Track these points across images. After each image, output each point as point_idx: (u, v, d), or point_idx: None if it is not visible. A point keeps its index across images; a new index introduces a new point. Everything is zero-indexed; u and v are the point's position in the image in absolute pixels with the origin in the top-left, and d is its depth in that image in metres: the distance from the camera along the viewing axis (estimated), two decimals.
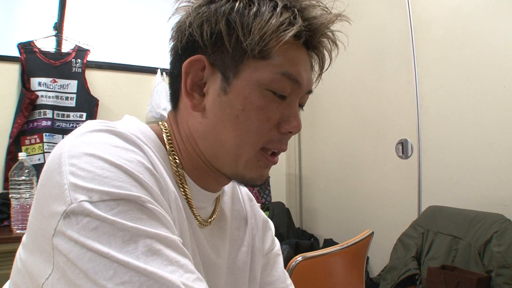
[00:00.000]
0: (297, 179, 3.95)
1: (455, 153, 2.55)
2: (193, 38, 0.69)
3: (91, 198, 0.52)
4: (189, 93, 0.71)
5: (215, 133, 0.70)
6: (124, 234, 0.51)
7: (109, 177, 0.55)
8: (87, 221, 0.51)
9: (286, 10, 0.67)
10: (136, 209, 0.54)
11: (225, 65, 0.69)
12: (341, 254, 1.72)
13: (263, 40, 0.65)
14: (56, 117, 2.94)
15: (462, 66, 2.51)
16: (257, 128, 0.68)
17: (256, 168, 0.72)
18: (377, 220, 3.06)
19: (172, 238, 0.56)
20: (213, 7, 0.68)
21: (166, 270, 0.51)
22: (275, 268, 0.93)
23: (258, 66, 0.68)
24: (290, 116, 0.71)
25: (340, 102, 3.47)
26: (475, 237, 2.19)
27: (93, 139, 0.60)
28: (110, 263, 0.50)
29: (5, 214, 2.42)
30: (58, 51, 3.03)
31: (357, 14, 3.28)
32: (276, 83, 0.68)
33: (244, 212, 0.92)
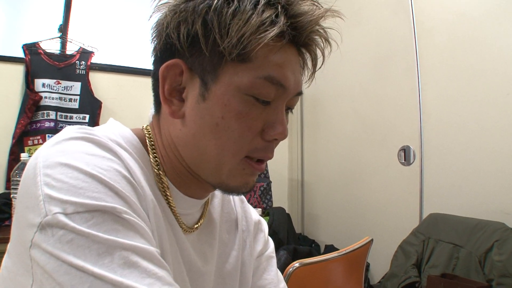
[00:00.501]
0: (299, 184, 3.94)
1: (458, 160, 2.54)
2: (170, 40, 0.65)
3: (65, 210, 0.51)
4: (167, 99, 0.68)
5: (195, 142, 0.67)
6: (99, 246, 0.50)
7: (83, 188, 0.53)
8: (62, 233, 0.50)
9: (269, 7, 0.62)
10: (111, 220, 0.53)
11: (204, 70, 0.64)
12: (340, 261, 1.71)
13: (241, 42, 0.60)
14: (59, 118, 2.95)
15: (465, 73, 2.50)
16: (238, 136, 0.65)
17: (241, 176, 0.68)
18: (378, 227, 3.05)
19: (149, 249, 0.54)
20: (191, 5, 0.63)
21: (143, 283, 0.50)
22: (267, 271, 0.90)
23: (238, 70, 0.63)
24: (275, 122, 0.67)
25: (343, 108, 3.47)
26: (476, 246, 2.18)
27: (69, 148, 0.58)
28: (86, 276, 0.48)
29: (6, 214, 2.43)
30: (63, 53, 3.05)
31: (361, 20, 3.28)
32: (258, 88, 0.63)
33: (234, 215, 0.89)
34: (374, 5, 3.19)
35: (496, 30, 2.36)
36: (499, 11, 2.35)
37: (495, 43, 2.36)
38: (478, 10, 2.45)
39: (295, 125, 4.03)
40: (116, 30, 3.36)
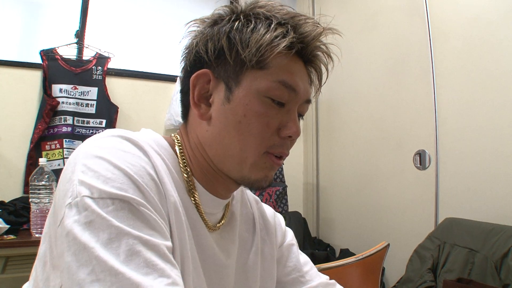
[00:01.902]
0: (315, 188, 3.94)
1: (473, 164, 2.53)
2: (199, 55, 0.77)
3: (92, 194, 0.58)
4: (197, 104, 0.78)
5: (220, 139, 0.76)
6: (111, 231, 0.56)
7: (111, 178, 0.60)
8: (85, 214, 0.57)
9: (281, 26, 0.74)
10: (128, 210, 0.59)
11: (228, 76, 0.75)
12: (356, 266, 1.72)
13: (259, 51, 0.72)
14: (76, 123, 2.98)
15: (480, 76, 2.49)
16: (258, 132, 0.74)
17: (261, 169, 0.77)
18: (394, 231, 3.04)
19: (156, 242, 0.59)
20: (216, 28, 0.77)
21: (141, 271, 0.55)
22: (289, 259, 0.99)
23: (257, 76, 0.74)
24: (288, 122, 0.77)
25: (358, 112, 3.47)
26: (492, 250, 2.17)
27: (106, 144, 0.66)
28: (91, 259, 0.54)
29: (24, 217, 2.46)
30: (79, 59, 3.08)
31: (376, 24, 3.28)
32: (273, 91, 0.74)
33: (251, 215, 0.97)
34: (389, 9, 3.19)
35: (511, 33, 2.35)
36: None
37: (510, 46, 2.35)
38: (493, 14, 2.44)
39: (310, 129, 4.03)
40: (132, 36, 3.39)
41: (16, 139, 2.84)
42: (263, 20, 0.74)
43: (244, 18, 0.76)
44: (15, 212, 2.47)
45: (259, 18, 0.75)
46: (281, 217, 1.06)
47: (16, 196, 2.75)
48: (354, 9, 3.57)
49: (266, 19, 0.75)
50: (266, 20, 0.74)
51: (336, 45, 0.85)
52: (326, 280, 1.01)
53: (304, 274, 0.98)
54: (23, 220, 2.45)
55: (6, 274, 2.21)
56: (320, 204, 3.91)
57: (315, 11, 4.00)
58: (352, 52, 3.52)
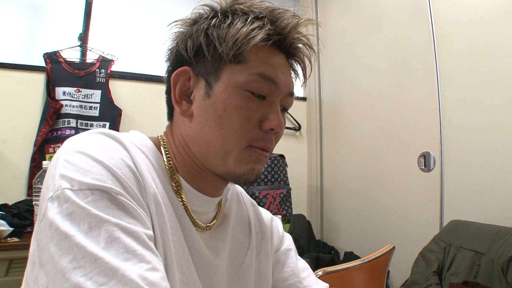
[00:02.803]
0: (319, 191, 3.93)
1: (478, 166, 2.51)
2: (179, 53, 0.80)
3: (72, 186, 0.60)
4: (178, 101, 0.80)
5: (202, 135, 0.77)
6: (91, 220, 0.58)
7: (90, 171, 0.62)
8: (66, 206, 0.59)
9: (258, 20, 0.75)
10: (107, 200, 0.61)
11: (208, 72, 0.77)
12: (362, 269, 1.71)
13: (235, 45, 0.73)
14: (79, 126, 2.98)
15: (485, 77, 2.48)
16: (239, 126, 0.74)
17: (247, 163, 0.77)
18: (398, 234, 3.03)
19: (135, 229, 0.61)
20: (195, 26, 0.79)
21: (120, 257, 0.56)
22: (286, 264, 0.99)
23: (236, 70, 0.75)
24: (270, 115, 0.77)
25: (362, 114, 3.46)
26: (498, 253, 2.15)
27: (87, 140, 0.68)
28: (72, 247, 0.56)
29: (28, 220, 2.46)
30: (83, 61, 3.09)
31: (379, 25, 3.28)
32: (253, 83, 0.75)
33: (247, 218, 0.97)
34: (392, 11, 3.18)
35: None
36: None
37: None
38: (497, 15, 2.43)
39: (314, 131, 4.03)
40: (135, 38, 3.39)
41: (20, 141, 2.84)
42: (240, 16, 0.76)
43: (222, 14, 0.77)
44: (18, 215, 2.47)
45: (237, 14, 0.76)
46: (279, 222, 1.05)
47: (19, 198, 2.75)
48: (358, 10, 3.56)
49: (244, 14, 0.76)
50: (244, 15, 0.76)
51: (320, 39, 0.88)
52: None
53: (302, 280, 0.97)
54: (27, 222, 2.46)
55: (9, 277, 2.21)
56: (324, 207, 3.90)
57: (318, 13, 4.00)
58: (355, 54, 3.52)
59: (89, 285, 0.53)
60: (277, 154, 3.53)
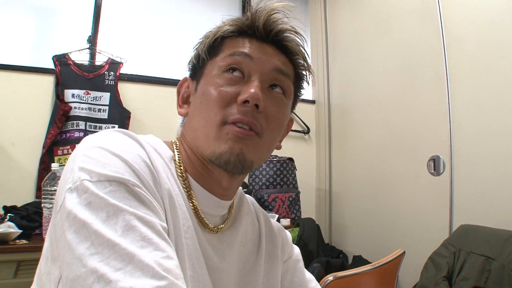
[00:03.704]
0: (327, 194, 3.92)
1: (489, 170, 2.49)
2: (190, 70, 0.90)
3: (91, 177, 0.62)
4: (181, 106, 0.90)
5: (193, 125, 0.83)
6: (109, 209, 0.60)
7: (108, 164, 0.65)
8: (85, 197, 0.61)
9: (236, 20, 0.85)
10: (124, 190, 0.63)
11: (196, 73, 0.87)
12: (372, 274, 1.70)
13: (208, 41, 0.83)
14: (88, 128, 2.99)
15: (496, 81, 2.46)
16: (214, 103, 0.78)
17: (224, 140, 0.76)
18: (408, 238, 3.01)
19: (150, 219, 0.62)
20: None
21: (137, 244, 0.58)
22: (295, 274, 1.01)
23: (214, 62, 0.82)
24: (247, 88, 0.78)
25: (371, 117, 3.44)
26: (509, 258, 2.13)
27: (106, 137, 0.71)
28: (90, 235, 0.57)
29: (37, 222, 2.46)
30: (92, 64, 3.09)
31: (389, 28, 3.27)
32: (227, 61, 0.80)
33: (258, 227, 0.99)
34: (402, 13, 3.17)
35: None
36: None
37: None
38: (508, 18, 2.41)
39: (323, 134, 4.02)
40: (144, 41, 3.40)
41: (29, 144, 2.85)
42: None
43: None
44: (27, 217, 2.48)
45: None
46: (288, 233, 1.07)
47: (28, 200, 2.76)
48: (367, 13, 3.55)
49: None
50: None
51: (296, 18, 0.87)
52: None
53: None
54: (36, 225, 2.46)
55: (18, 279, 2.21)
56: (332, 210, 3.89)
57: (327, 16, 3.99)
58: (364, 56, 3.51)
59: (106, 269, 0.54)
60: (286, 157, 3.53)
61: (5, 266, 2.18)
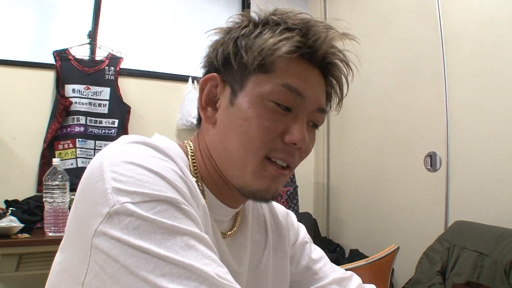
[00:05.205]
0: (325, 188, 3.95)
1: (484, 167, 2.52)
2: (211, 60, 0.79)
3: (133, 199, 0.57)
4: (203, 107, 0.79)
5: (223, 143, 0.76)
6: (163, 231, 0.56)
7: (148, 182, 0.60)
8: (129, 220, 0.56)
9: (288, 31, 0.73)
10: (173, 209, 0.59)
11: (234, 80, 0.76)
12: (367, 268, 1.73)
13: (260, 54, 0.72)
14: (89, 123, 3.02)
15: (493, 79, 2.49)
16: (258, 136, 0.73)
17: (262, 178, 0.75)
18: (403, 232, 3.04)
19: (204, 236, 0.60)
20: (228, 35, 0.78)
21: (201, 262, 0.56)
22: (302, 257, 0.98)
23: (261, 80, 0.74)
24: (293, 128, 0.74)
25: (369, 113, 3.47)
26: (501, 255, 2.17)
27: (131, 150, 0.65)
28: (151, 258, 0.54)
29: (38, 216, 2.49)
30: (92, 59, 3.11)
31: (387, 25, 3.28)
32: (277, 94, 0.73)
33: (263, 217, 0.96)
34: (400, 11, 3.18)
35: None
36: None
37: None
38: (506, 16, 2.43)
39: (321, 130, 4.02)
40: (144, 36, 3.41)
41: (30, 138, 2.88)
42: (271, 26, 0.75)
43: (254, 25, 0.76)
44: (28, 211, 2.51)
45: (268, 24, 0.75)
46: (293, 215, 1.04)
47: (29, 195, 2.79)
48: (366, 10, 3.56)
49: (276, 24, 0.74)
50: (275, 26, 0.74)
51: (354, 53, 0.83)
52: (341, 275, 0.98)
53: (318, 271, 0.97)
54: (37, 218, 2.49)
55: (19, 272, 2.25)
56: (330, 204, 3.92)
57: (327, 12, 4.00)
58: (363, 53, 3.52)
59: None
60: None
61: (8, 259, 2.21)
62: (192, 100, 3.32)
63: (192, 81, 3.41)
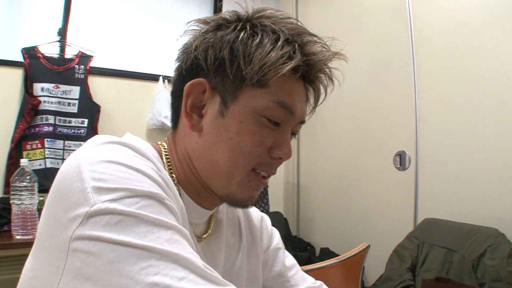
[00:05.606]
0: (295, 187, 3.97)
1: (452, 166, 2.58)
2: (197, 61, 0.74)
3: (115, 196, 0.55)
4: (188, 114, 0.75)
5: (210, 154, 0.74)
6: (147, 225, 0.54)
7: (130, 178, 0.58)
8: (110, 217, 0.54)
9: (288, 44, 0.71)
10: (157, 204, 0.58)
11: (225, 90, 0.73)
12: (338, 267, 1.75)
13: (262, 70, 0.69)
14: (58, 122, 2.96)
15: (461, 81, 2.55)
16: (249, 151, 0.72)
17: (247, 188, 0.76)
18: (373, 231, 3.08)
19: (187, 232, 0.59)
20: (219, 34, 0.73)
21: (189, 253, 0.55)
22: (275, 263, 0.97)
23: (256, 94, 0.72)
24: (282, 143, 0.75)
25: (340, 112, 3.49)
26: (469, 251, 2.22)
27: (109, 150, 0.63)
28: (134, 250, 0.52)
29: (5, 219, 2.43)
30: (62, 57, 3.05)
31: (359, 26, 3.32)
32: (271, 111, 0.72)
33: (237, 219, 0.95)
34: (372, 12, 3.23)
35: (493, 40, 2.40)
36: (496, 21, 2.40)
37: (492, 52, 2.41)
38: (476, 20, 2.49)
39: None
40: (115, 34, 3.37)
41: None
42: (269, 34, 0.71)
43: (251, 28, 0.72)
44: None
45: (266, 31, 0.72)
46: (267, 219, 1.03)
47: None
48: (338, 11, 3.59)
49: (273, 33, 0.71)
50: (273, 35, 0.71)
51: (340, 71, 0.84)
52: (312, 284, 0.98)
53: (290, 279, 0.96)
54: (4, 221, 2.43)
55: None
56: (300, 204, 3.95)
57: (298, 12, 4.02)
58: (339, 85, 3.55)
59: (168, 281, 0.50)
60: None
61: None
62: (162, 99, 3.29)
63: (163, 80, 3.38)
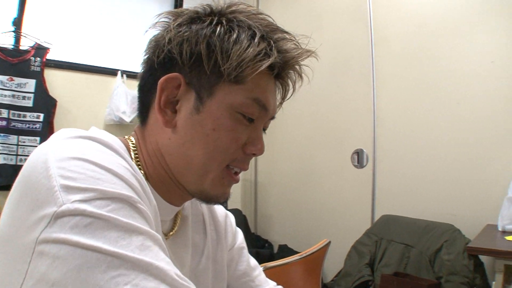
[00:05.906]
0: (253, 185, 3.98)
1: (409, 164, 2.65)
2: (171, 55, 0.71)
3: (85, 197, 0.52)
4: (162, 109, 0.72)
5: (183, 150, 0.72)
6: (118, 229, 0.52)
7: (101, 179, 0.55)
8: (79, 219, 0.51)
9: (263, 41, 0.71)
10: (129, 208, 0.55)
11: (201, 86, 0.71)
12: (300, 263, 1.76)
13: (240, 66, 0.68)
14: (11, 117, 2.85)
15: (418, 81, 2.62)
16: (225, 148, 0.72)
17: (220, 185, 0.75)
18: (332, 227, 3.13)
19: (159, 237, 0.57)
20: (194, 28, 0.71)
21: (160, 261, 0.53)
22: (240, 262, 0.96)
23: (232, 90, 0.71)
24: (255, 139, 0.76)
25: (298, 110, 3.52)
26: (426, 246, 2.29)
27: (78, 145, 0.60)
28: (104, 257, 0.49)
29: None
30: (17, 48, 2.94)
31: (320, 25, 3.35)
32: (246, 107, 0.72)
33: (201, 216, 0.93)
34: (333, 12, 3.27)
35: (449, 43, 2.49)
36: (453, 25, 2.47)
37: (448, 55, 2.49)
38: (434, 23, 2.57)
39: None
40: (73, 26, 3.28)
41: None
42: (246, 30, 0.70)
43: (227, 23, 0.71)
44: None
45: (242, 26, 0.71)
46: (232, 217, 1.01)
47: None
48: (299, 10, 3.62)
49: (249, 29, 0.71)
50: (249, 31, 0.70)
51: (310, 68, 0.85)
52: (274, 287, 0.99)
53: (254, 279, 0.96)
54: None
55: None
56: (258, 201, 3.96)
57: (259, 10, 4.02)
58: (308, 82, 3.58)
59: None
60: None
61: None
62: (120, 94, 3.23)
63: (121, 75, 3.32)
